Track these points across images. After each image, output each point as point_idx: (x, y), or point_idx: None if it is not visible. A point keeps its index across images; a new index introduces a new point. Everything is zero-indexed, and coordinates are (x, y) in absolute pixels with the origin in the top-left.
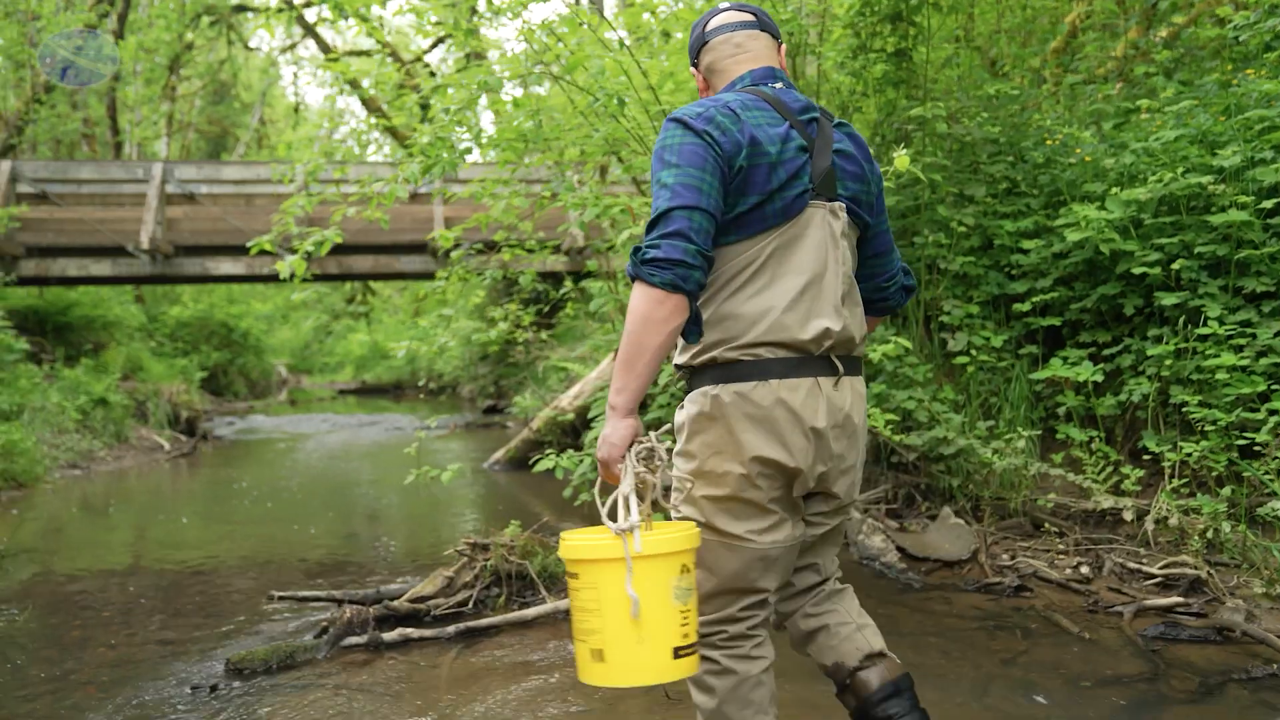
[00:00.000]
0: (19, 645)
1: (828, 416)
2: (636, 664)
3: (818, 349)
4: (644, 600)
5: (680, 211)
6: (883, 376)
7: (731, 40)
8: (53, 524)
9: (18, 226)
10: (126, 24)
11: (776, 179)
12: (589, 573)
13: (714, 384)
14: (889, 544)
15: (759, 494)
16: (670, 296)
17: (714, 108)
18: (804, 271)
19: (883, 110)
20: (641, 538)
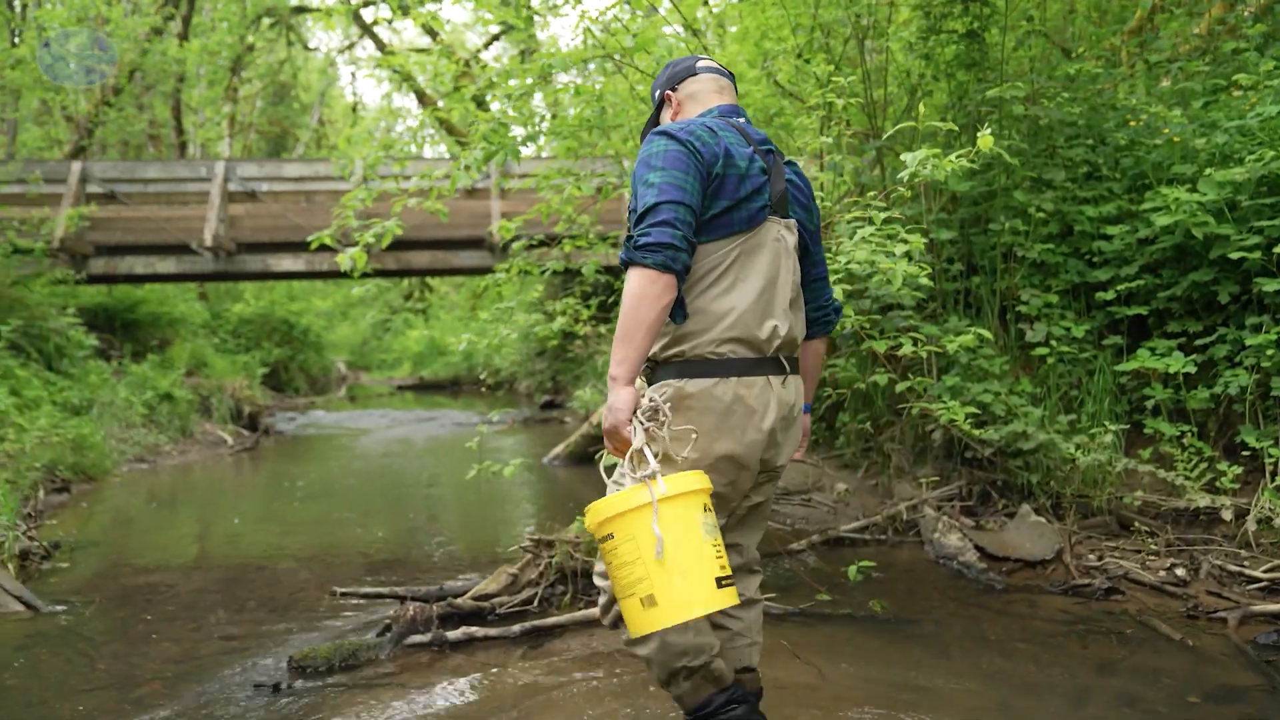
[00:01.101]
0: (86, 639)
1: (776, 411)
2: (686, 598)
3: (770, 349)
4: (679, 537)
5: (667, 205)
6: (956, 369)
7: (717, 81)
8: (120, 517)
9: (87, 226)
10: (190, 26)
11: (744, 189)
12: (624, 526)
13: (678, 378)
14: (966, 542)
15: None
16: (662, 276)
17: (693, 124)
18: (762, 276)
19: (954, 94)
20: (664, 481)
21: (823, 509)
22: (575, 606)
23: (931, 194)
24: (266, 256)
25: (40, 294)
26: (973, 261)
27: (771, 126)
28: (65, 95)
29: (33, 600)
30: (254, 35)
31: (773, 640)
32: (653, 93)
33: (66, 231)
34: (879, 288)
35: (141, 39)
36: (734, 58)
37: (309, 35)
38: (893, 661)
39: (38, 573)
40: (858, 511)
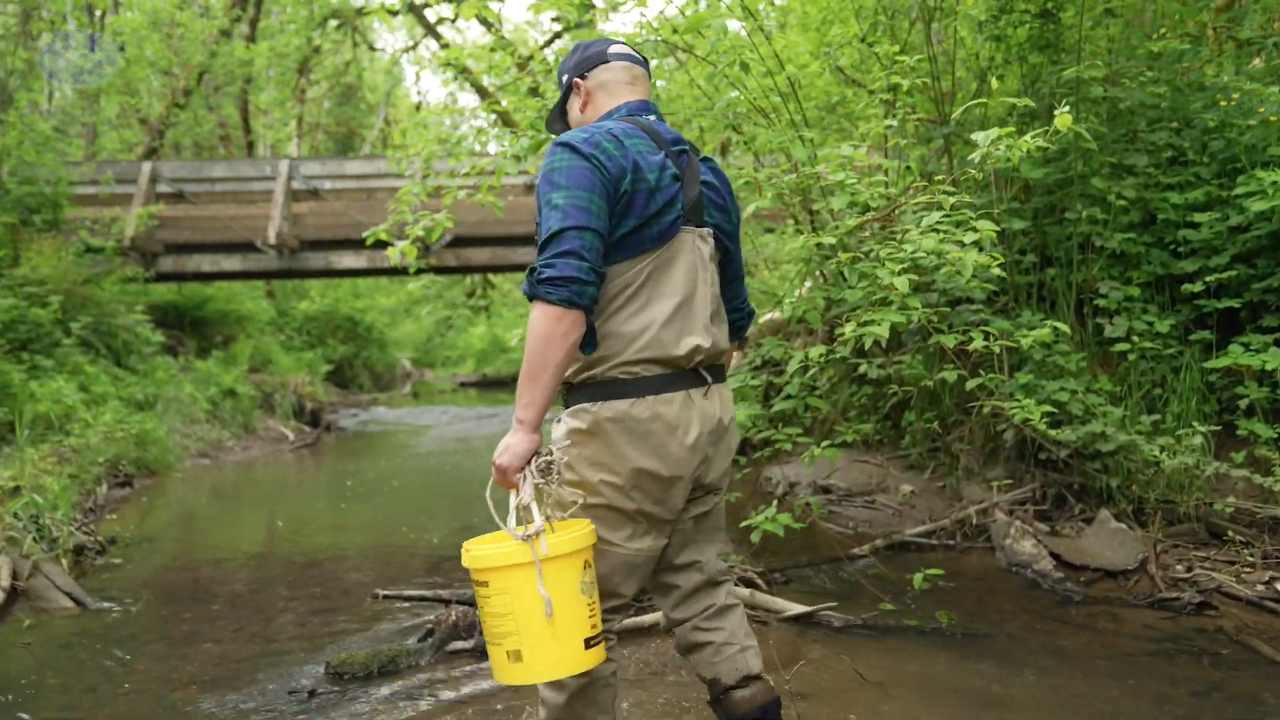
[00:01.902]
0: (130, 637)
1: (700, 424)
2: (552, 659)
3: (689, 364)
4: (554, 599)
5: (572, 231)
6: (1029, 365)
7: (630, 70)
8: (178, 512)
9: (156, 225)
10: (257, 29)
11: (654, 204)
12: (500, 579)
13: (592, 401)
14: (1041, 549)
15: (631, 504)
16: (568, 313)
17: (598, 134)
18: (677, 293)
19: (1026, 78)
20: (546, 540)
21: (886, 511)
22: (627, 612)
23: (1003, 182)
24: (329, 254)
25: (110, 291)
26: (1047, 253)
27: (834, 115)
28: (139, 99)
29: (81, 596)
30: (320, 37)
31: (831, 653)
32: (559, 77)
33: (136, 230)
34: (947, 280)
35: (210, 41)
36: (794, 47)
37: (374, 36)
38: (962, 678)
39: (91, 568)
40: (923, 515)
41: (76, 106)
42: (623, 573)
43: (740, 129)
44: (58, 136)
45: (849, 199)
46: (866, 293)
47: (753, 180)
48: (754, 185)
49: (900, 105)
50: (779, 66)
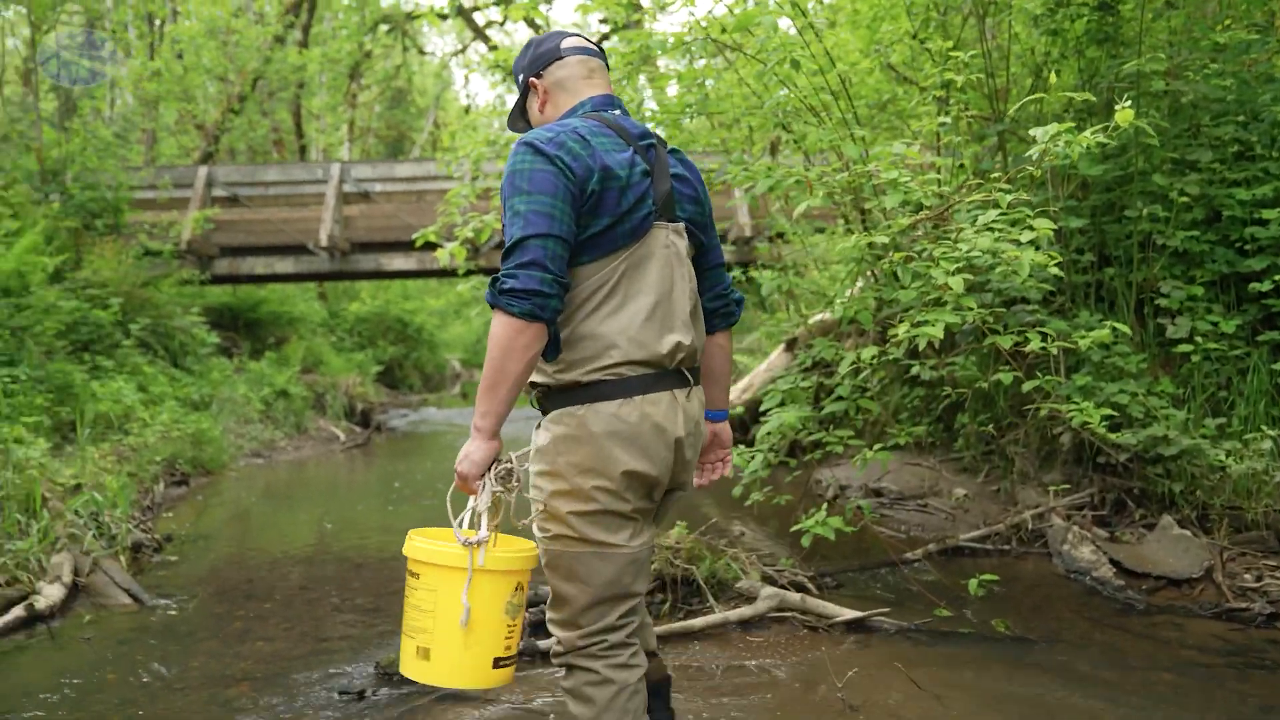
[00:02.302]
0: (185, 634)
1: (684, 425)
2: (459, 668)
3: (671, 363)
4: (477, 611)
5: (534, 240)
6: (1087, 367)
7: (586, 64)
8: (232, 511)
9: (212, 228)
10: (310, 35)
11: (626, 202)
12: (430, 576)
13: (578, 405)
14: (1100, 556)
15: (626, 505)
16: (530, 325)
17: (564, 134)
18: (653, 290)
19: (1084, 72)
20: (486, 553)
21: (939, 515)
22: (674, 616)
23: (1060, 180)
24: (379, 256)
25: (168, 294)
26: (1105, 252)
27: (885, 113)
28: (196, 105)
29: (139, 593)
30: (371, 42)
31: (884, 660)
32: (515, 76)
33: (193, 234)
34: (1003, 280)
35: (264, 48)
36: (844, 45)
37: (424, 40)
38: (1019, 688)
39: (148, 565)
40: (977, 519)
41: (136, 113)
42: (631, 571)
43: (790, 127)
44: (119, 143)
45: (902, 197)
46: (920, 293)
47: (804, 179)
48: (805, 184)
49: (954, 102)
50: (829, 64)
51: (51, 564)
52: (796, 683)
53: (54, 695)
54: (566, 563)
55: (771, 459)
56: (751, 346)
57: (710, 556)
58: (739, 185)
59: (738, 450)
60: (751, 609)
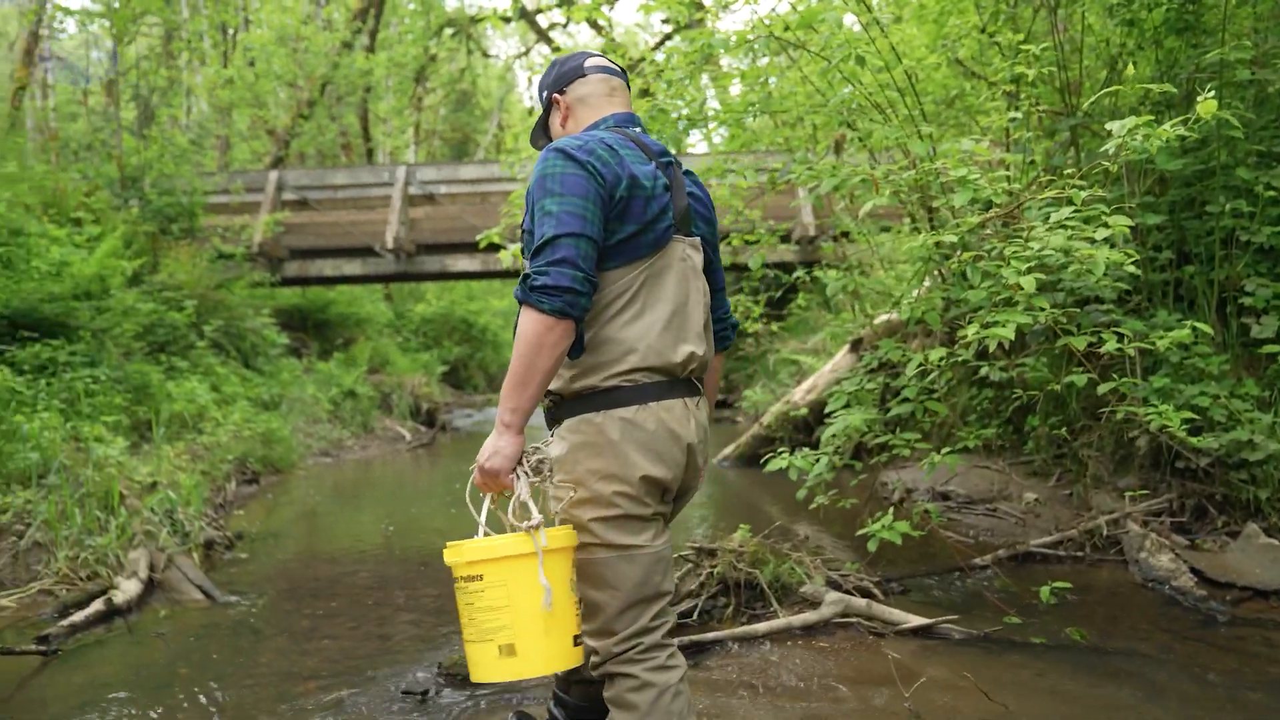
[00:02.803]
0: (254, 631)
1: (696, 432)
2: (549, 653)
3: (683, 372)
4: (554, 590)
5: (567, 239)
6: (1166, 368)
7: (608, 82)
8: (302, 509)
9: (283, 231)
10: (377, 40)
11: (650, 211)
12: (497, 571)
13: (595, 411)
14: (1180, 564)
15: (646, 509)
16: (560, 322)
17: (593, 142)
18: (671, 300)
19: (1161, 64)
20: (545, 533)
21: (1009, 520)
22: (737, 620)
23: (1136, 175)
24: (444, 257)
25: (240, 296)
26: (1185, 249)
27: (952, 110)
28: (267, 111)
29: (211, 590)
30: (437, 46)
31: (952, 670)
32: (539, 93)
33: (264, 237)
34: (1076, 279)
35: (332, 53)
36: (911, 41)
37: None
38: (1094, 701)
39: (220, 562)
40: (1049, 524)
41: (211, 120)
42: (659, 570)
43: (854, 125)
44: (194, 149)
45: (971, 195)
46: (990, 293)
47: (869, 178)
48: (871, 183)
49: (1024, 97)
50: (895, 60)
51: (129, 560)
52: (861, 690)
53: (130, 689)
54: (595, 570)
55: (836, 461)
56: (816, 347)
57: (774, 560)
58: (803, 184)
59: (801, 453)
60: (815, 614)
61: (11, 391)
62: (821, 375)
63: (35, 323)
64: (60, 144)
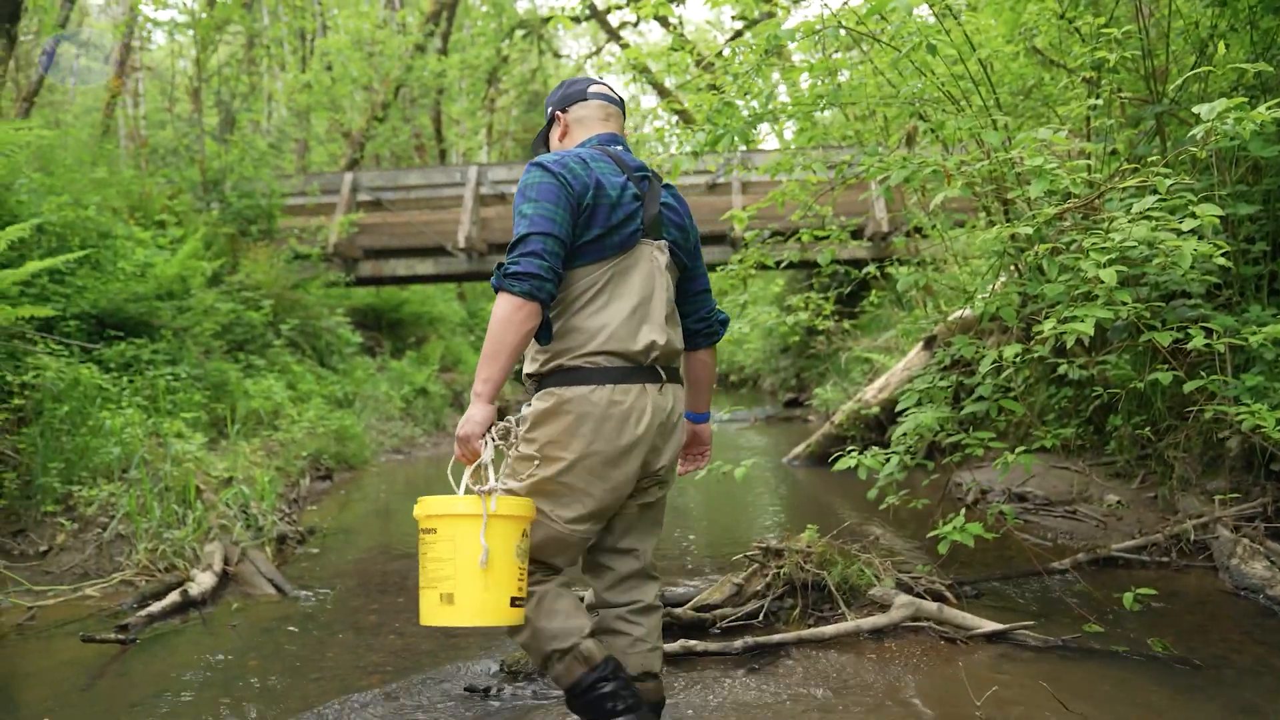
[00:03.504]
0: (323, 625)
1: (652, 416)
2: (482, 606)
3: (646, 359)
4: (494, 551)
5: (536, 236)
6: (1259, 366)
7: (605, 109)
8: (374, 505)
9: (357, 231)
10: (450, 42)
11: (615, 216)
12: (448, 526)
13: (558, 386)
14: (1275, 573)
15: (580, 483)
16: (527, 303)
17: (568, 156)
18: (635, 295)
19: (1256, 46)
20: (496, 500)
21: (1089, 523)
22: (804, 623)
23: (1227, 163)
24: None
25: (315, 295)
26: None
27: (1030, 100)
28: (344, 114)
29: (282, 584)
30: (508, 47)
31: (1028, 678)
32: (546, 108)
33: (339, 237)
34: (1160, 272)
35: (406, 56)
36: (986, 30)
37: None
38: (1181, 716)
39: (292, 556)
40: (1132, 528)
41: (289, 124)
42: (556, 547)
43: (926, 116)
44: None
45: (1047, 185)
46: (1068, 287)
47: (941, 169)
48: (942, 174)
49: (1105, 84)
50: (969, 50)
51: (204, 553)
52: (931, 698)
53: (202, 678)
54: None
55: (907, 461)
56: (888, 345)
57: (842, 561)
58: (873, 178)
59: (871, 452)
60: (885, 617)
61: (98, 389)
62: (894, 373)
63: (121, 322)
64: (149, 150)
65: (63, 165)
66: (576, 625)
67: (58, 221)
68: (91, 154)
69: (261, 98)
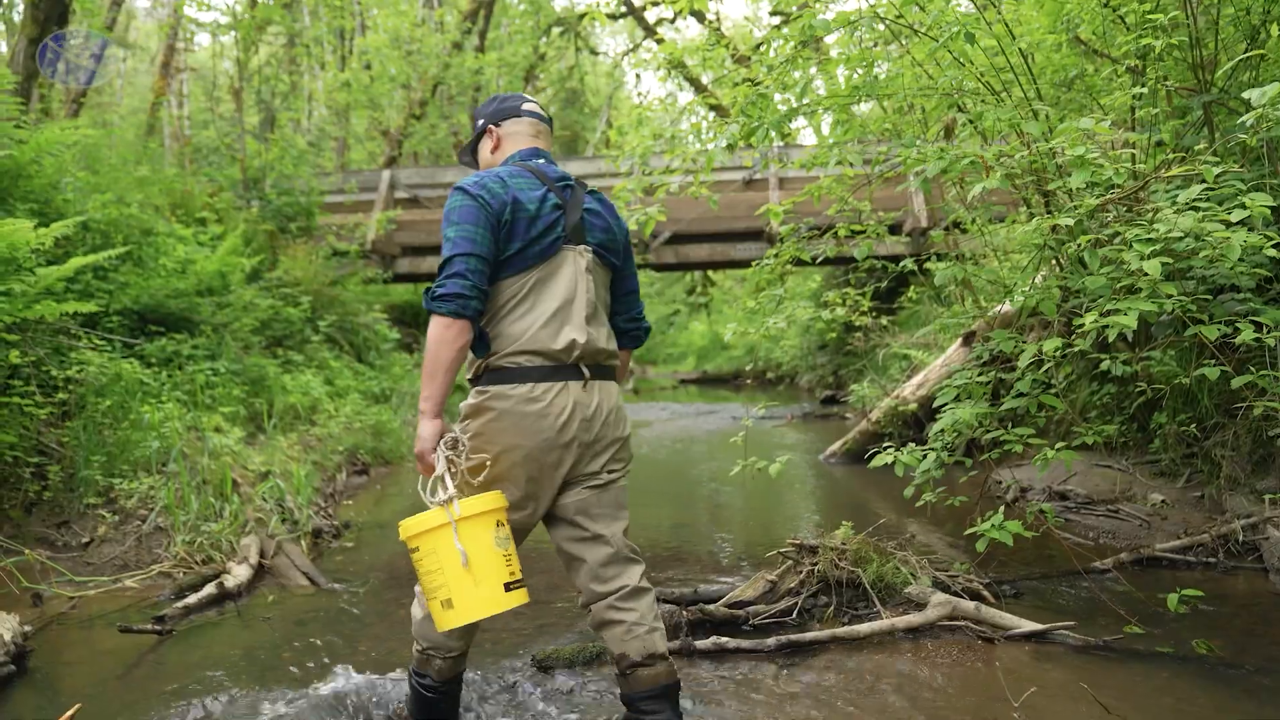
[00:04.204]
0: (355, 618)
1: (576, 412)
2: (478, 602)
3: (568, 358)
4: (471, 551)
5: (459, 257)
6: None
7: (536, 126)
8: (409, 501)
9: (395, 228)
10: (486, 41)
11: (535, 229)
12: (428, 541)
13: (485, 385)
14: None
15: (506, 473)
16: (455, 321)
17: (487, 178)
18: (557, 298)
19: None
20: (459, 504)
21: (1132, 522)
22: (839, 620)
23: (1278, 152)
24: None
25: (353, 292)
26: None
27: (1072, 91)
28: (382, 113)
29: (316, 577)
30: (545, 45)
31: (1069, 679)
32: (474, 119)
33: (377, 234)
34: (1207, 265)
35: (444, 54)
36: (1027, 19)
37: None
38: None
39: (326, 549)
40: (1177, 527)
41: (329, 123)
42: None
43: (964, 108)
44: (313, 151)
45: (1089, 176)
46: (1110, 279)
47: (978, 159)
48: (980, 165)
49: (1151, 73)
50: (1010, 39)
51: (240, 545)
52: (968, 699)
53: (236, 670)
54: None
55: (945, 458)
56: (926, 341)
57: (878, 559)
58: (910, 169)
59: (908, 449)
60: (921, 616)
61: (139, 383)
62: (933, 370)
63: (162, 318)
64: (193, 150)
65: (108, 164)
66: (448, 645)
67: (102, 219)
68: (135, 153)
69: (302, 97)
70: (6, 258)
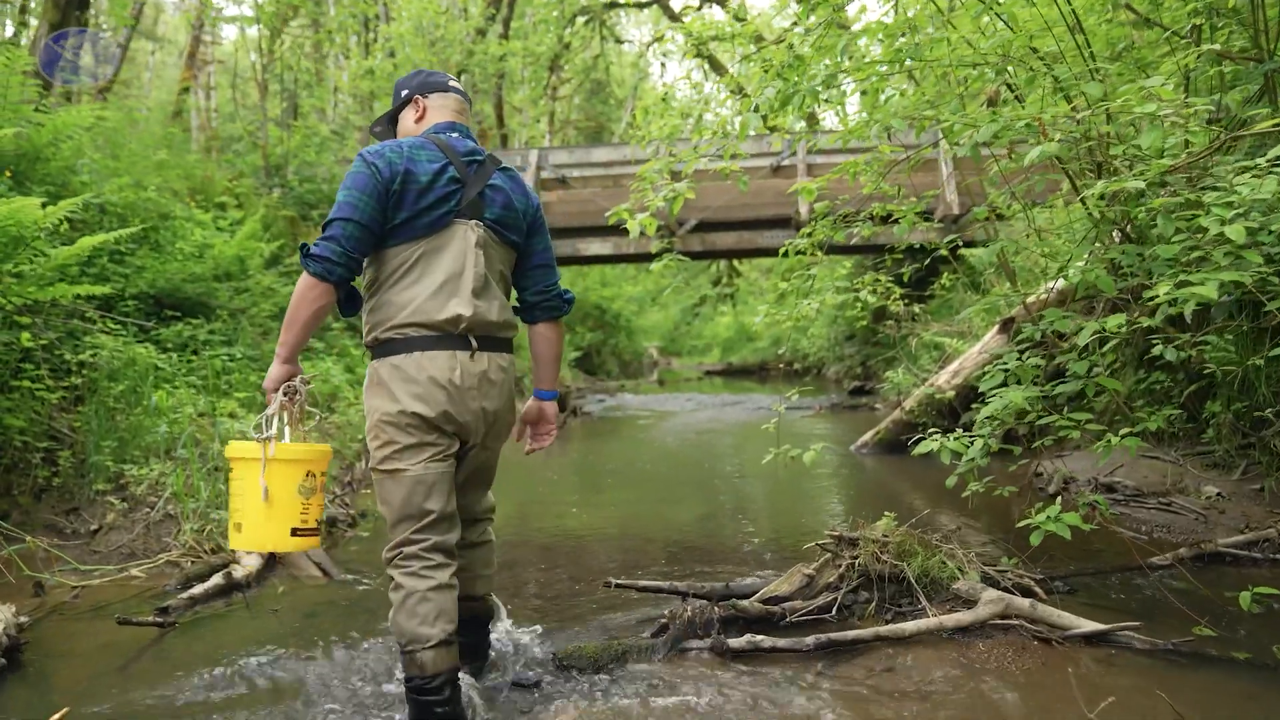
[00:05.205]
0: (367, 611)
1: (462, 379)
2: (263, 535)
3: (455, 329)
4: (273, 490)
5: (338, 222)
6: None
7: (460, 102)
8: None
9: None
10: (511, 30)
11: (425, 200)
12: (240, 467)
13: (378, 358)
14: None
15: (410, 438)
16: (319, 284)
17: (388, 147)
18: (444, 271)
19: None
20: (277, 446)
21: (1188, 516)
22: (881, 618)
23: None
24: (576, 240)
25: None
26: None
27: (1123, 62)
28: None
29: (329, 568)
30: (570, 34)
31: (1141, 685)
32: (398, 90)
33: None
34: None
35: (467, 41)
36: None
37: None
38: None
39: (341, 539)
40: (1236, 521)
41: (353, 111)
42: (421, 491)
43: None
44: (335, 139)
45: (1159, 135)
46: (1184, 248)
47: (1035, 122)
48: (1037, 129)
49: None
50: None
51: None
52: (1033, 706)
53: (239, 663)
54: (377, 489)
55: (992, 445)
56: (960, 329)
57: (922, 552)
58: (954, 138)
59: (955, 435)
60: (971, 614)
61: (154, 368)
62: (969, 357)
63: (178, 302)
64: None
65: (127, 150)
66: (425, 634)
67: (119, 202)
68: (156, 139)
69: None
70: (15, 235)
